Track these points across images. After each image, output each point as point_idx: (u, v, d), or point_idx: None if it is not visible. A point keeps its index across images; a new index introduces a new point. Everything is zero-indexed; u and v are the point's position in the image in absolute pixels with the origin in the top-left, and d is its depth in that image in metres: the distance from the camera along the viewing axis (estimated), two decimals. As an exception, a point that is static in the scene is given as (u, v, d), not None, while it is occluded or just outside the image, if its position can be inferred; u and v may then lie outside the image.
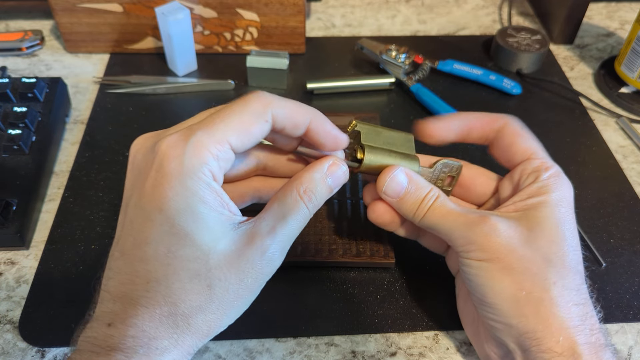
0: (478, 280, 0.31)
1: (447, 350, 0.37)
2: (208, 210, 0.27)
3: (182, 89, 0.55)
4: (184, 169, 0.27)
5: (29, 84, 0.49)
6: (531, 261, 0.30)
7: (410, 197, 0.33)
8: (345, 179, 0.32)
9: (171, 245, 0.27)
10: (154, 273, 0.27)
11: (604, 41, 0.65)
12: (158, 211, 0.27)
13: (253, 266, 0.28)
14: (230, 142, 0.28)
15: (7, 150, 0.45)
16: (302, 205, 0.30)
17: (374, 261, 0.40)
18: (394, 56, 0.56)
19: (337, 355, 0.36)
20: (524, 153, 0.35)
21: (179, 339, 0.27)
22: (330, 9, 0.68)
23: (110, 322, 0.27)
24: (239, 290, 0.28)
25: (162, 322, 0.27)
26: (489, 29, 0.66)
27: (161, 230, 0.27)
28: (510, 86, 0.56)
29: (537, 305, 0.30)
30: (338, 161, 0.31)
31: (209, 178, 0.28)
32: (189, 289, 0.27)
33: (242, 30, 0.58)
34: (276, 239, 0.29)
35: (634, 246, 0.43)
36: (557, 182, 0.33)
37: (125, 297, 0.27)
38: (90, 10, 0.56)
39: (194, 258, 0.27)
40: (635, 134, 0.53)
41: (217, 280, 0.27)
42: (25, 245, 0.42)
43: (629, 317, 0.39)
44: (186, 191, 0.27)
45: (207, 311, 0.28)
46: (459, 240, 0.32)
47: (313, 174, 0.30)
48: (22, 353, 0.36)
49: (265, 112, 0.29)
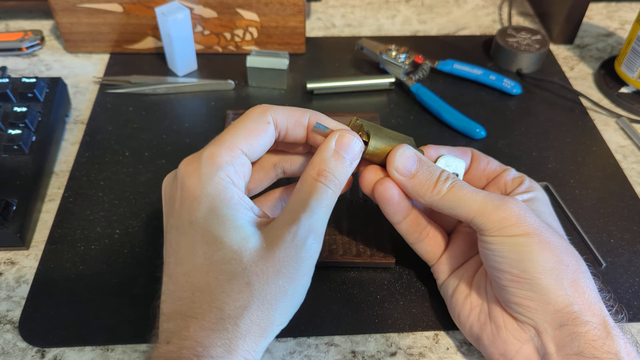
0: (516, 256, 0.31)
1: (447, 350, 0.37)
2: (231, 211, 0.29)
3: (182, 89, 0.55)
4: (202, 178, 0.29)
5: (29, 84, 0.49)
6: (560, 238, 0.32)
7: (423, 175, 0.33)
8: (360, 148, 0.32)
9: (206, 252, 0.28)
10: (197, 283, 0.28)
11: (604, 41, 0.65)
12: (188, 224, 0.29)
13: (287, 255, 0.28)
14: (241, 147, 0.30)
15: (7, 150, 0.45)
16: (320, 185, 0.30)
17: (374, 261, 0.40)
18: (394, 56, 0.56)
19: (337, 355, 0.36)
20: (500, 167, 0.38)
21: (231, 345, 0.27)
22: (330, 9, 0.68)
23: (168, 340, 0.28)
24: (279, 282, 0.28)
25: (213, 330, 0.27)
26: (489, 29, 0.66)
27: (194, 240, 0.29)
28: (510, 86, 0.56)
29: (575, 277, 0.31)
30: (344, 132, 0.32)
31: (228, 182, 0.29)
32: (230, 290, 0.28)
33: (242, 30, 0.58)
34: (302, 224, 0.29)
35: (634, 246, 0.43)
36: (536, 186, 0.37)
37: (178, 313, 0.28)
38: (90, 10, 0.56)
39: (228, 259, 0.28)
40: (635, 134, 0.53)
41: (254, 276, 0.28)
42: (25, 245, 0.42)
43: (629, 317, 0.39)
44: (208, 197, 0.28)
45: (253, 309, 0.28)
46: (491, 218, 0.31)
47: (322, 154, 0.31)
48: (22, 353, 0.36)
49: (265, 115, 0.31)
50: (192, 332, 0.27)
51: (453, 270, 0.37)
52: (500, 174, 0.37)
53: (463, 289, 0.36)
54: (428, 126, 0.53)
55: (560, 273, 0.30)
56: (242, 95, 0.55)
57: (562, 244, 0.32)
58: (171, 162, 0.48)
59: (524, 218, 0.31)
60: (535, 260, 0.31)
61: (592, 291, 0.31)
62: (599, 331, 0.30)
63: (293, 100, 0.55)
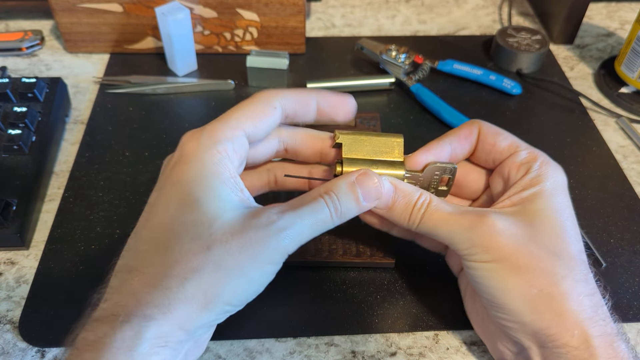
0: (487, 282, 0.30)
1: (447, 350, 0.37)
2: (220, 183, 0.28)
3: (182, 89, 0.55)
4: (200, 147, 0.29)
5: (29, 84, 0.49)
6: (537, 257, 0.30)
7: (399, 206, 0.32)
8: (378, 194, 0.31)
9: (178, 211, 0.28)
10: (158, 238, 0.27)
11: (604, 41, 0.65)
12: (175, 183, 0.28)
13: (256, 236, 0.27)
14: (244, 128, 0.30)
15: (7, 150, 0.45)
16: (320, 201, 0.29)
17: (374, 261, 0.40)
18: (394, 56, 0.56)
19: (337, 355, 0.36)
20: (509, 148, 0.34)
21: (169, 306, 0.26)
22: (330, 9, 0.68)
23: (107, 297, 0.27)
24: (239, 258, 0.27)
25: (155, 286, 0.26)
26: (489, 29, 0.66)
27: (172, 198, 0.28)
28: (510, 86, 0.56)
29: (549, 301, 0.29)
30: (370, 172, 0.31)
31: (224, 156, 0.29)
32: (187, 249, 0.27)
33: (242, 30, 0.58)
34: (285, 217, 0.28)
35: (634, 246, 0.43)
36: (548, 170, 0.32)
37: (125, 267, 0.27)
38: (90, 10, 0.56)
39: (198, 223, 0.27)
40: (635, 134, 0.53)
41: (217, 243, 0.27)
42: (25, 245, 0.42)
43: (629, 317, 0.39)
44: (200, 163, 0.28)
45: (203, 273, 0.26)
46: (461, 244, 0.31)
47: (339, 180, 0.31)
48: (22, 353, 0.36)
49: (272, 100, 0.31)
50: (134, 286, 0.26)
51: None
52: (508, 158, 0.34)
53: (471, 294, 0.36)
54: (428, 126, 0.53)
55: (533, 298, 0.29)
56: (242, 95, 0.55)
57: (537, 265, 0.30)
58: (171, 162, 0.48)
59: (492, 243, 0.30)
60: (504, 288, 0.30)
61: (573, 312, 0.29)
62: (580, 352, 0.29)
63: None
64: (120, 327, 0.25)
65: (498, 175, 0.35)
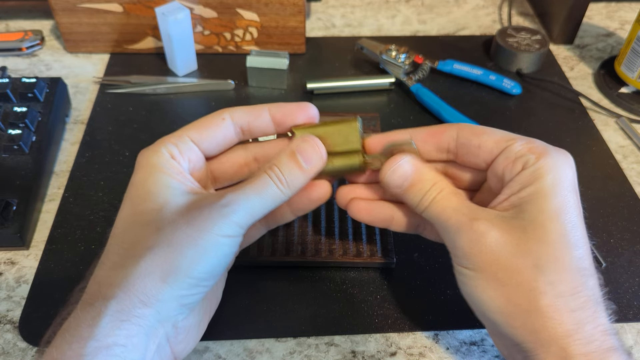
0: (466, 289, 0.30)
1: (447, 350, 0.37)
2: (167, 176, 0.31)
3: (182, 89, 0.55)
4: (148, 153, 0.32)
5: (29, 84, 0.49)
6: (518, 271, 0.28)
7: (413, 188, 0.32)
8: (320, 156, 0.32)
9: (134, 205, 0.31)
10: (117, 232, 0.31)
11: (604, 41, 0.65)
12: (130, 186, 0.32)
13: (200, 212, 0.29)
14: (189, 135, 0.33)
15: (7, 150, 0.45)
16: (264, 176, 0.31)
17: (374, 261, 0.40)
18: (394, 56, 0.56)
19: (337, 355, 0.36)
20: (498, 145, 0.31)
21: (128, 284, 0.28)
22: (330, 9, 0.68)
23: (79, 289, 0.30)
24: (188, 231, 0.28)
25: (112, 268, 0.29)
26: (489, 29, 0.66)
27: (129, 197, 0.31)
28: (510, 86, 0.56)
29: (525, 317, 0.28)
30: (308, 138, 0.32)
31: (167, 155, 0.32)
32: (140, 234, 0.29)
33: (242, 30, 0.58)
34: (227, 196, 0.29)
35: (634, 246, 0.43)
36: (548, 163, 0.29)
37: (96, 265, 0.30)
38: (90, 10, 0.56)
39: (149, 210, 0.30)
40: (635, 134, 0.53)
41: (166, 223, 0.29)
42: (25, 245, 0.42)
43: (629, 317, 0.39)
44: (147, 165, 0.31)
45: (156, 250, 0.28)
46: (447, 243, 0.31)
47: (279, 152, 0.32)
48: (22, 353, 0.36)
49: (221, 113, 0.34)
50: (97, 275, 0.29)
51: None
52: (501, 153, 0.31)
53: None
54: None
55: (510, 313, 0.28)
56: (242, 95, 0.55)
57: (516, 280, 0.28)
58: (171, 162, 0.48)
59: (474, 250, 0.29)
60: (481, 297, 0.29)
61: (553, 328, 0.27)
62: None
63: (293, 100, 0.55)
64: (86, 308, 0.28)
65: (492, 174, 0.32)
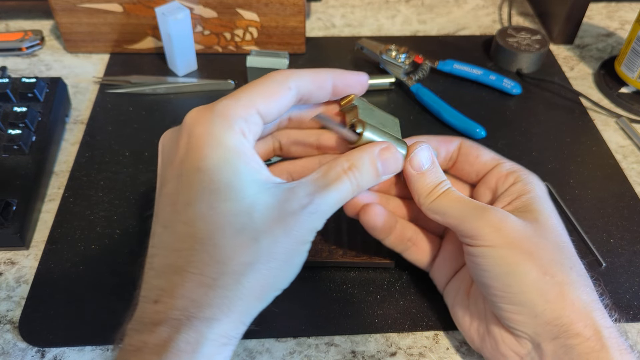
0: (498, 270, 0.30)
1: (447, 350, 0.37)
2: (245, 165, 0.27)
3: (182, 89, 0.55)
4: (214, 127, 0.27)
5: (29, 84, 0.49)
6: (546, 247, 0.31)
7: (429, 176, 0.33)
8: (397, 167, 0.32)
9: (213, 201, 0.26)
10: (199, 233, 0.26)
11: (604, 41, 0.65)
12: (196, 171, 0.26)
13: (296, 220, 0.27)
14: (258, 107, 0.28)
15: (7, 150, 0.45)
16: (344, 178, 0.29)
17: (374, 261, 0.40)
18: (394, 56, 0.56)
19: (337, 355, 0.36)
20: (492, 161, 0.36)
21: (230, 305, 0.26)
22: (330, 9, 0.68)
23: (156, 299, 0.26)
24: (286, 244, 0.27)
25: (212, 286, 0.25)
26: (489, 29, 0.66)
27: (201, 187, 0.26)
28: (510, 86, 0.56)
29: (562, 288, 0.30)
30: (392, 147, 0.31)
31: (241, 136, 0.27)
32: (236, 244, 0.26)
33: (242, 30, 0.58)
34: (315, 201, 0.28)
35: (634, 246, 0.43)
36: (533, 179, 0.34)
37: (171, 268, 0.26)
38: (90, 10, 0.56)
39: (238, 211, 0.26)
40: (635, 134, 0.53)
41: (262, 233, 0.26)
42: (25, 245, 0.42)
43: (629, 317, 0.39)
44: (220, 146, 0.26)
45: (258, 267, 0.26)
46: (471, 224, 0.31)
47: (362, 153, 0.30)
48: (22, 353, 0.36)
49: (287, 80, 0.29)
50: (188, 288, 0.25)
51: (449, 278, 0.37)
52: (492, 170, 0.36)
53: (461, 300, 0.35)
54: (428, 126, 0.53)
55: (545, 285, 0.29)
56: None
57: (547, 254, 0.31)
58: (171, 162, 0.48)
59: (506, 227, 0.31)
60: (517, 273, 0.30)
61: (583, 301, 0.30)
62: (592, 343, 0.29)
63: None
64: (184, 330, 0.25)
65: (484, 186, 0.36)
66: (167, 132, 0.30)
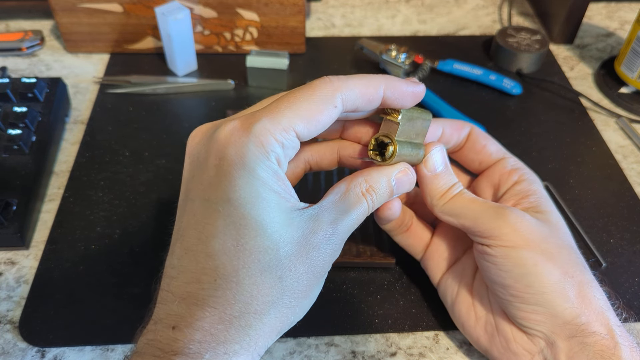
0: (519, 270, 0.30)
1: (447, 350, 0.37)
2: (277, 198, 0.26)
3: (182, 89, 0.55)
4: (249, 156, 0.25)
5: (29, 84, 0.49)
6: (563, 248, 0.31)
7: (442, 178, 0.33)
8: (410, 188, 0.32)
9: (240, 237, 0.25)
10: (222, 269, 0.25)
11: (603, 41, 0.65)
12: (225, 202, 0.25)
13: (319, 253, 0.27)
14: (297, 130, 0.26)
15: (7, 150, 0.45)
16: (364, 202, 0.29)
17: (374, 261, 0.40)
18: (394, 56, 0.56)
19: (337, 355, 0.36)
20: (497, 153, 0.36)
21: (251, 342, 0.25)
22: (330, 9, 0.68)
23: (174, 325, 0.25)
24: (308, 279, 0.27)
25: (233, 324, 0.25)
26: (489, 29, 0.66)
27: (229, 221, 0.25)
28: (510, 86, 0.56)
29: (581, 288, 0.30)
30: (408, 170, 0.31)
31: (276, 165, 0.26)
32: (261, 283, 0.25)
33: (242, 30, 0.58)
34: (338, 230, 0.28)
35: (634, 246, 0.43)
36: (536, 179, 0.35)
37: (191, 297, 0.25)
38: (90, 10, 0.56)
39: (264, 249, 0.25)
40: (635, 134, 0.53)
41: (287, 271, 0.26)
42: (25, 245, 0.42)
43: (629, 317, 0.39)
44: (255, 179, 0.25)
45: (280, 305, 0.26)
46: (488, 225, 0.31)
47: (381, 176, 0.30)
48: (22, 353, 0.36)
49: (334, 97, 0.27)
50: (208, 322, 0.25)
51: (443, 271, 0.37)
52: (496, 164, 0.36)
53: (464, 298, 0.35)
54: (428, 126, 0.53)
55: (566, 285, 0.30)
56: (242, 95, 0.55)
57: (565, 254, 0.31)
58: (171, 162, 0.48)
59: (522, 227, 0.31)
60: (540, 274, 0.30)
61: (599, 300, 0.30)
62: (607, 341, 0.29)
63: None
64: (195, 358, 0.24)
65: (486, 181, 0.36)
66: (196, 133, 0.29)
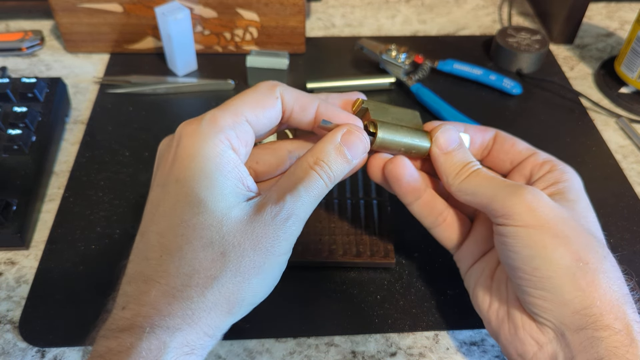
0: (528, 252, 0.29)
1: (447, 350, 0.37)
2: (224, 178, 0.27)
3: (182, 89, 0.55)
4: (200, 138, 0.27)
5: (29, 84, 0.49)
6: (581, 233, 0.29)
7: (457, 156, 0.33)
8: (365, 148, 0.31)
9: (185, 214, 0.27)
10: (168, 245, 0.27)
11: (603, 41, 0.65)
12: (175, 182, 0.27)
13: (265, 232, 0.27)
14: (245, 115, 0.29)
15: (7, 150, 0.45)
16: (313, 174, 0.29)
17: (374, 261, 0.40)
18: (394, 56, 0.56)
19: (337, 355, 0.36)
20: (527, 150, 0.35)
21: (193, 316, 0.26)
22: (330, 9, 0.68)
23: (124, 305, 0.26)
24: (254, 257, 0.27)
25: (176, 297, 0.26)
26: (489, 29, 0.66)
27: (176, 199, 0.27)
28: (510, 86, 0.56)
29: (594, 277, 0.28)
30: (353, 128, 0.30)
31: (226, 146, 0.28)
32: (203, 257, 0.26)
33: (242, 30, 0.58)
34: (286, 205, 0.28)
35: (634, 246, 0.43)
36: (571, 170, 0.34)
37: (140, 275, 0.27)
38: (90, 10, 0.56)
39: (207, 225, 0.27)
40: (635, 134, 0.53)
41: (230, 247, 0.27)
42: (25, 245, 0.42)
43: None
44: (202, 158, 0.27)
45: (223, 281, 0.26)
46: (503, 202, 0.30)
47: (325, 144, 0.30)
48: (22, 353, 0.36)
49: (273, 90, 0.30)
50: (153, 297, 0.26)
51: (475, 260, 0.35)
52: (527, 158, 0.35)
53: (484, 282, 0.34)
54: (428, 126, 0.53)
55: (577, 272, 0.28)
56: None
57: (582, 239, 0.29)
58: (171, 162, 0.48)
59: (538, 207, 0.29)
60: (549, 256, 0.28)
61: (615, 292, 0.28)
62: (622, 337, 0.27)
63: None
64: (147, 337, 0.25)
65: (518, 174, 0.35)
66: (164, 140, 0.31)
